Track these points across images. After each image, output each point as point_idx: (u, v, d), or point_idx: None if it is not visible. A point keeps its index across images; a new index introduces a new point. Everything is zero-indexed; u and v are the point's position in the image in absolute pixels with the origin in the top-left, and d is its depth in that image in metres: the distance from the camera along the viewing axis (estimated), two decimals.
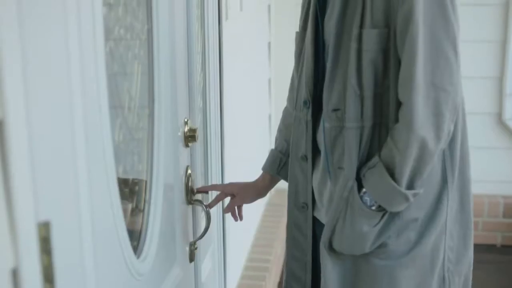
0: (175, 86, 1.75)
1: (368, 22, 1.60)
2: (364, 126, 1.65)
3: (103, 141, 1.19)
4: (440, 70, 1.56)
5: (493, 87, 4.51)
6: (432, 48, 1.55)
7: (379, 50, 1.60)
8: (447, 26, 1.56)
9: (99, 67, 1.15)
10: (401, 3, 1.55)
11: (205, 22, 2.17)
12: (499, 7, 4.39)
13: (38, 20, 0.94)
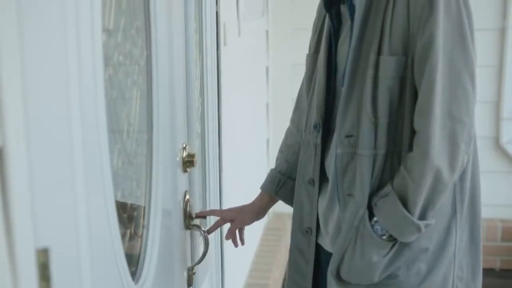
0: (174, 112, 1.76)
1: (386, 49, 1.59)
2: (377, 154, 1.63)
3: (102, 167, 1.20)
4: (458, 101, 1.55)
5: (490, 111, 4.53)
6: (451, 78, 1.54)
7: (396, 77, 1.59)
8: (466, 57, 1.55)
9: (98, 93, 1.16)
10: (421, 32, 1.54)
11: (204, 48, 2.19)
12: (495, 32, 4.42)
13: (39, 46, 0.95)
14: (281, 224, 4.47)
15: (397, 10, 1.57)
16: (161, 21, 1.64)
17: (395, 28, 1.58)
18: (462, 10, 1.55)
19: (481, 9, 4.35)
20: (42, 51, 0.96)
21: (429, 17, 1.53)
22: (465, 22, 1.56)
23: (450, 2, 1.54)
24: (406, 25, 1.57)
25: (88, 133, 1.12)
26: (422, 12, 1.54)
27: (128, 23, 1.47)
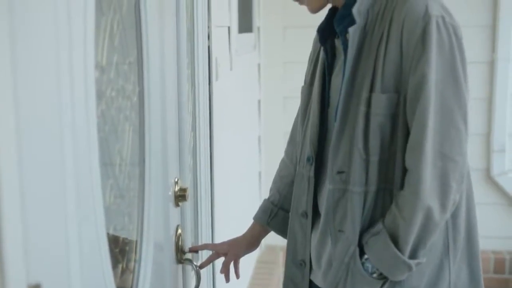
0: (166, 146, 1.77)
1: (378, 87, 1.59)
2: (368, 191, 1.63)
3: (94, 203, 1.20)
4: (450, 140, 1.55)
5: (481, 144, 4.55)
6: (443, 117, 1.54)
7: (388, 115, 1.59)
8: (458, 96, 1.55)
9: (91, 129, 1.17)
10: (414, 70, 1.55)
11: (196, 82, 2.21)
12: (485, 65, 4.47)
13: (32, 83, 0.96)
14: (274, 257, 4.46)
15: (390, 47, 1.58)
16: (154, 57, 1.66)
17: (387, 65, 1.58)
18: (455, 50, 1.56)
19: (470, 42, 4.38)
20: (36, 87, 0.98)
21: (421, 56, 1.53)
22: (458, 62, 1.56)
23: (443, 42, 1.55)
24: (399, 63, 1.57)
25: (81, 168, 1.13)
26: (415, 50, 1.54)
27: (120, 59, 1.48)
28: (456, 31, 1.58)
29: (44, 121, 1.00)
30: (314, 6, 1.73)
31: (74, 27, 1.12)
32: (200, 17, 2.24)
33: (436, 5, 1.57)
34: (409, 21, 1.55)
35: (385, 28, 1.60)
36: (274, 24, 4.51)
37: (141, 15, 1.59)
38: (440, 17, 1.55)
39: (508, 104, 4.49)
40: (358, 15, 1.62)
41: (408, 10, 1.56)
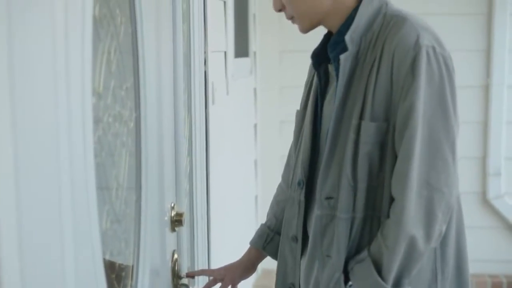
0: (162, 171, 1.77)
1: (367, 115, 1.60)
2: (355, 217, 1.63)
3: (91, 229, 1.20)
4: (437, 171, 1.55)
5: (477, 167, 4.57)
6: (430, 147, 1.55)
7: (376, 143, 1.60)
8: (447, 127, 1.56)
9: (87, 156, 1.18)
10: (403, 99, 1.55)
11: (192, 107, 2.22)
12: (479, 89, 4.49)
13: (30, 109, 0.97)
14: (270, 282, 4.43)
15: (381, 76, 1.59)
16: (150, 82, 1.67)
17: (378, 94, 1.59)
18: (445, 80, 1.57)
19: (465, 67, 4.43)
20: (34, 114, 0.98)
21: (410, 85, 1.54)
22: (447, 92, 1.57)
23: (433, 72, 1.55)
24: (389, 91, 1.58)
25: (78, 194, 1.13)
26: (405, 80, 1.55)
27: (117, 84, 1.49)
28: (446, 61, 1.59)
29: (41, 146, 1.01)
30: (304, 26, 1.73)
31: (72, 54, 1.13)
32: (197, 42, 2.26)
33: (427, 35, 1.58)
34: (400, 50, 1.56)
35: (377, 56, 1.60)
36: (270, 48, 4.54)
37: (138, 41, 1.60)
38: (431, 47, 1.56)
39: (503, 128, 4.51)
40: (351, 42, 1.63)
41: (399, 39, 1.57)
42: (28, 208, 0.95)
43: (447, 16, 4.43)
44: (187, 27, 2.17)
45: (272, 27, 4.43)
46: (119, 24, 1.51)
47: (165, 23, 1.84)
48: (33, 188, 0.98)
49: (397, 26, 1.60)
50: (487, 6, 4.44)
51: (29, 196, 0.96)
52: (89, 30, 1.22)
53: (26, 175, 0.95)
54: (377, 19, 1.65)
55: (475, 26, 4.47)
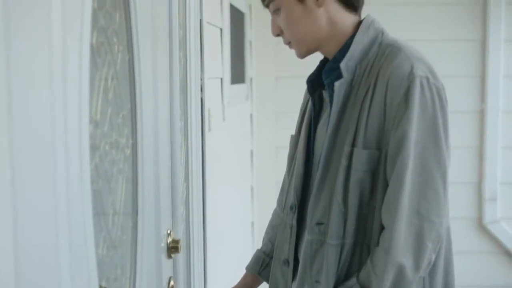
0: (159, 198, 1.78)
1: (360, 142, 1.61)
2: (345, 244, 1.64)
3: (87, 256, 1.21)
4: (427, 200, 1.56)
5: (473, 192, 4.58)
6: (421, 176, 1.56)
7: (368, 171, 1.61)
8: (438, 157, 1.57)
9: (84, 184, 1.19)
10: (395, 128, 1.56)
11: (189, 134, 2.23)
12: (475, 114, 4.52)
13: (27, 137, 0.98)
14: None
15: (374, 104, 1.60)
16: (147, 109, 1.68)
17: (371, 122, 1.61)
18: (438, 111, 1.58)
19: (461, 92, 4.47)
20: (31, 142, 0.99)
21: (403, 115, 1.55)
22: (439, 123, 1.58)
23: (426, 102, 1.57)
24: (382, 120, 1.59)
25: (74, 222, 1.14)
26: (398, 109, 1.56)
27: (114, 112, 1.51)
28: (439, 92, 1.60)
29: (38, 174, 1.02)
30: (301, 51, 1.76)
31: (69, 82, 1.14)
32: (193, 69, 2.27)
33: (421, 66, 1.60)
34: (394, 79, 1.58)
35: (371, 85, 1.62)
36: (266, 74, 4.57)
37: (135, 69, 1.62)
38: (425, 78, 1.58)
39: (498, 153, 4.53)
40: (346, 70, 1.65)
41: (393, 68, 1.59)
42: (24, 234, 0.96)
43: (442, 42, 4.47)
44: (183, 54, 2.19)
45: (268, 53, 4.47)
46: (116, 52, 1.53)
47: (161, 50, 1.86)
48: (29, 215, 0.98)
49: (391, 56, 1.62)
50: (481, 33, 4.48)
51: (25, 223, 0.96)
52: (86, 58, 1.23)
53: (23, 202, 0.95)
54: (372, 48, 1.67)
55: (470, 52, 4.51)
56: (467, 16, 4.48)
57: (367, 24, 1.70)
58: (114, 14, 1.52)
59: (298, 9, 1.69)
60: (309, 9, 1.69)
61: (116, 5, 1.54)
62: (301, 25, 1.70)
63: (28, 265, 0.96)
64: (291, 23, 1.71)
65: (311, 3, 1.68)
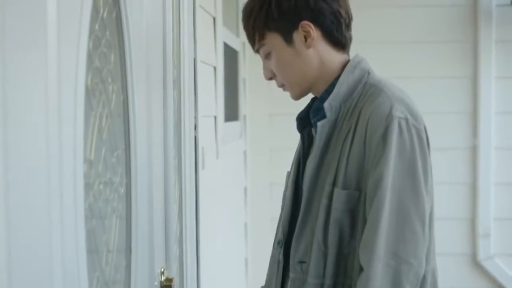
0: (152, 236, 1.79)
1: (340, 182, 1.62)
2: (324, 284, 1.63)
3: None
4: (405, 242, 1.55)
5: (466, 228, 4.58)
6: (398, 218, 1.55)
7: (347, 210, 1.61)
8: (416, 198, 1.57)
9: (78, 223, 1.20)
10: (373, 169, 1.57)
11: (182, 172, 2.24)
12: (466, 150, 4.54)
13: (23, 177, 0.99)
14: None
15: (355, 144, 1.62)
16: (141, 148, 1.70)
17: (351, 162, 1.61)
18: (417, 152, 1.58)
19: (453, 129, 4.50)
20: (25, 181, 1.00)
21: (381, 156, 1.56)
22: (418, 164, 1.58)
23: (404, 144, 1.57)
24: (361, 161, 1.60)
25: (68, 262, 1.14)
26: (376, 150, 1.57)
27: (109, 152, 1.52)
28: (420, 133, 1.61)
29: (32, 214, 1.03)
30: (295, 93, 1.78)
31: (64, 123, 1.15)
32: (187, 108, 2.29)
33: (400, 107, 1.61)
34: (373, 120, 1.59)
35: (352, 125, 1.64)
36: (260, 112, 4.59)
37: (129, 109, 1.64)
38: (404, 119, 1.59)
39: (491, 189, 4.54)
40: (329, 109, 1.67)
41: (374, 109, 1.61)
42: (19, 273, 0.96)
43: (434, 79, 4.51)
44: (177, 93, 2.21)
45: (262, 91, 4.50)
46: (111, 92, 1.55)
47: (156, 89, 1.89)
48: (24, 254, 0.99)
49: (373, 96, 1.64)
50: (472, 70, 4.53)
51: (20, 262, 0.97)
52: (81, 99, 1.25)
53: (17, 242, 0.96)
54: (357, 88, 1.68)
55: (462, 89, 4.55)
56: (458, 53, 4.53)
57: (354, 64, 1.71)
58: (109, 54, 1.55)
59: (288, 52, 1.71)
60: (299, 51, 1.71)
61: (111, 46, 1.56)
62: (292, 68, 1.73)
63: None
64: (283, 66, 1.73)
65: (300, 45, 1.70)
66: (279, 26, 1.70)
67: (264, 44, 1.73)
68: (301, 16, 1.69)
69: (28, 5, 1.04)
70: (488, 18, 4.45)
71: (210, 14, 3.02)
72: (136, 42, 1.69)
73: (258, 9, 1.71)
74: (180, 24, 2.24)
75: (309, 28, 1.69)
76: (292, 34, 1.70)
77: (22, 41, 1.02)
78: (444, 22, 4.53)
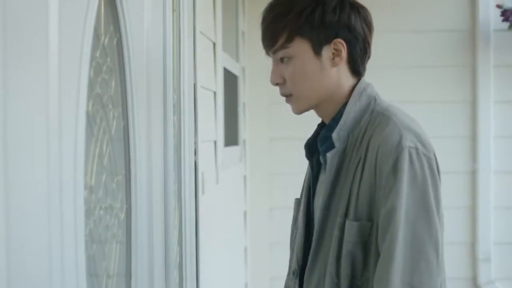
0: (152, 261, 1.79)
1: (351, 214, 1.59)
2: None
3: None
4: (420, 272, 1.53)
5: (466, 252, 4.57)
6: (413, 249, 1.53)
7: (359, 242, 1.58)
8: (430, 228, 1.54)
9: (78, 250, 1.20)
10: (385, 200, 1.54)
11: (182, 197, 2.24)
12: (466, 174, 4.55)
13: (23, 203, 0.99)
14: None
15: (365, 175, 1.59)
16: (141, 174, 1.70)
17: (362, 193, 1.59)
18: (428, 181, 1.56)
19: (453, 153, 4.51)
20: (26, 208, 1.01)
21: (392, 187, 1.53)
22: (430, 194, 1.56)
23: (415, 173, 1.55)
24: (372, 192, 1.58)
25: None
26: (387, 181, 1.55)
27: (109, 177, 1.53)
28: (430, 162, 1.58)
29: (33, 240, 1.03)
30: (300, 107, 1.70)
31: (65, 150, 1.16)
32: (187, 133, 2.30)
33: (410, 136, 1.58)
34: (383, 150, 1.56)
35: (362, 155, 1.61)
36: (260, 136, 4.60)
37: (130, 134, 1.65)
38: (414, 148, 1.56)
39: (491, 213, 4.54)
40: (338, 139, 1.64)
41: (383, 139, 1.58)
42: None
43: (433, 104, 4.53)
44: (177, 118, 2.22)
45: (262, 115, 4.52)
46: (111, 119, 1.56)
47: (156, 115, 1.89)
48: (24, 281, 0.99)
49: (382, 125, 1.61)
50: (471, 94, 4.55)
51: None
52: (82, 126, 1.26)
53: (18, 267, 0.96)
54: (365, 116, 1.65)
55: (461, 114, 4.57)
56: (457, 78, 4.55)
57: (359, 90, 1.68)
58: (110, 81, 1.56)
59: (312, 63, 1.66)
60: (323, 66, 1.66)
61: (112, 72, 1.57)
62: (309, 80, 1.67)
63: None
64: (300, 76, 1.67)
65: (327, 60, 1.66)
66: (314, 35, 1.64)
67: (288, 47, 1.65)
68: (338, 33, 1.65)
69: (30, 33, 1.05)
70: (486, 43, 4.48)
71: (210, 39, 3.04)
72: (137, 68, 1.70)
73: (299, 11, 1.64)
74: (180, 50, 2.26)
75: (342, 47, 1.65)
76: (322, 47, 1.65)
77: (23, 68, 1.03)
78: (443, 47, 4.56)
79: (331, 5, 1.64)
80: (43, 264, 1.06)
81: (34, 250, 1.03)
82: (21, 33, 1.02)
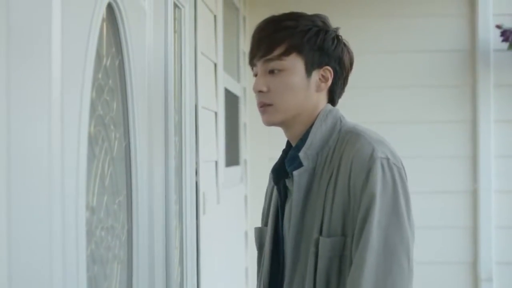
0: (153, 282, 1.78)
1: (325, 230, 1.63)
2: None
3: None
4: (392, 276, 1.56)
5: (468, 272, 4.56)
6: (385, 252, 1.57)
7: (334, 257, 1.62)
8: (401, 233, 1.59)
9: (80, 271, 1.20)
10: (359, 210, 1.59)
11: (183, 218, 2.25)
12: (467, 194, 4.54)
13: (25, 224, 1.00)
14: None
15: (338, 191, 1.63)
16: (142, 195, 1.70)
17: (335, 209, 1.63)
18: (399, 189, 1.61)
19: (453, 173, 4.51)
20: (28, 229, 1.01)
21: (366, 197, 1.58)
22: (401, 201, 1.61)
23: (386, 181, 1.60)
24: (346, 205, 1.62)
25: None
26: (362, 192, 1.59)
27: (110, 198, 1.53)
28: (400, 171, 1.64)
29: (34, 262, 1.03)
30: (276, 118, 1.73)
31: (67, 172, 1.17)
32: (188, 153, 2.31)
33: (381, 147, 1.64)
34: (356, 164, 1.61)
35: (334, 171, 1.65)
36: (260, 156, 4.60)
37: (131, 155, 1.65)
38: (385, 159, 1.62)
39: (492, 233, 4.53)
40: (306, 158, 1.68)
41: (355, 152, 1.63)
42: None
43: (434, 124, 4.54)
44: (179, 139, 2.23)
45: (262, 136, 4.52)
46: (113, 139, 1.56)
47: (157, 135, 1.90)
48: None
49: (352, 141, 1.66)
50: (471, 114, 4.56)
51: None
52: (84, 147, 1.27)
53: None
54: (332, 135, 1.70)
55: (461, 133, 4.57)
56: (457, 98, 4.56)
57: (325, 113, 1.73)
58: (111, 102, 1.57)
59: (302, 82, 1.72)
60: (309, 87, 1.72)
61: (114, 93, 1.58)
62: (294, 96, 1.71)
63: None
64: (288, 89, 1.71)
65: (314, 83, 1.73)
66: (310, 55, 1.71)
67: (284, 60, 1.70)
68: (329, 62, 1.73)
69: (32, 54, 1.06)
70: (486, 63, 4.50)
71: (211, 60, 3.06)
72: (139, 89, 1.71)
73: (304, 30, 1.71)
74: (181, 71, 2.27)
75: (329, 75, 1.74)
76: (313, 69, 1.72)
77: (27, 90, 1.03)
78: (443, 67, 4.57)
79: (331, 35, 1.75)
80: (45, 285, 1.07)
81: (36, 270, 1.04)
82: (24, 54, 1.03)
